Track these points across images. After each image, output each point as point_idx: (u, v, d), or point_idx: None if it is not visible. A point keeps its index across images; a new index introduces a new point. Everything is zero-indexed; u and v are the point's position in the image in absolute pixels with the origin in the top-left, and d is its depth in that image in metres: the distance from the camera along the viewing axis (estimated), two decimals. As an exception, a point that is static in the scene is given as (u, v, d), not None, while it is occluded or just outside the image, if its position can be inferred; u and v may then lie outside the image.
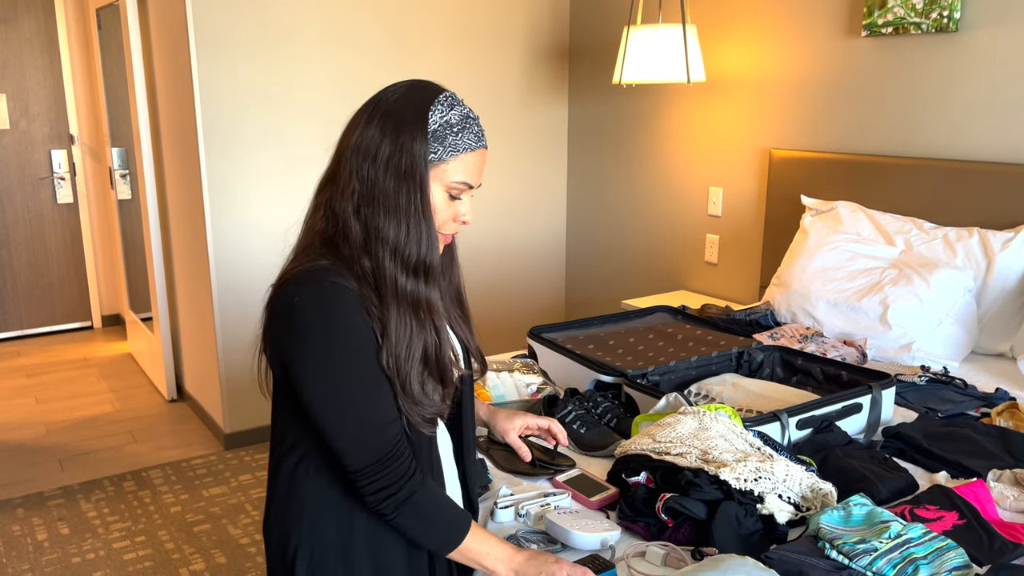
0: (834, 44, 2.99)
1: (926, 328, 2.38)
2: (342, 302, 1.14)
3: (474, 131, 1.22)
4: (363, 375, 1.15)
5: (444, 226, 1.25)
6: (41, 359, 5.06)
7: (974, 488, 1.52)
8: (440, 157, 1.19)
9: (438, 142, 1.19)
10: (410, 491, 1.18)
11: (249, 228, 3.58)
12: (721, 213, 3.54)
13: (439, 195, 1.22)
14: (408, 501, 1.18)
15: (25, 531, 3.06)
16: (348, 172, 1.19)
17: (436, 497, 1.21)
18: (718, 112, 3.48)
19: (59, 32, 5.21)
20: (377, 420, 1.16)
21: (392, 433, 1.18)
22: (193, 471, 3.52)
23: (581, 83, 4.21)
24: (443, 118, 1.20)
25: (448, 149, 1.20)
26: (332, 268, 1.16)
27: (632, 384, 1.89)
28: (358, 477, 1.17)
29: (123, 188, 4.77)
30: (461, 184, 1.22)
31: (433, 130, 1.19)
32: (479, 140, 1.23)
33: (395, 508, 1.18)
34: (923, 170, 2.71)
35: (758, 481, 1.39)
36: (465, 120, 1.22)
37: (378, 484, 1.17)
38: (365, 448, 1.16)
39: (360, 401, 1.15)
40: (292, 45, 3.52)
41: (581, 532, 1.35)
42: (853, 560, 1.25)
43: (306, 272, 1.16)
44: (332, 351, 1.13)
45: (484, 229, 4.23)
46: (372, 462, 1.16)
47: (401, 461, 1.18)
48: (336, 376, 1.14)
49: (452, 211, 1.25)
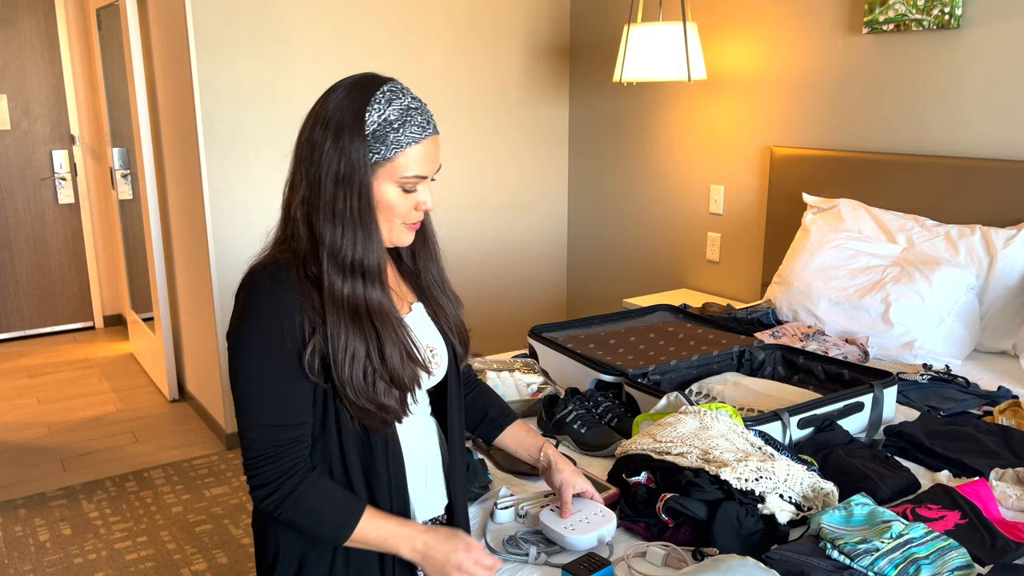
0: (835, 41, 2.98)
1: (928, 326, 2.37)
2: (275, 300, 1.16)
3: (417, 122, 1.21)
4: (270, 373, 1.17)
5: (406, 217, 1.25)
6: (43, 359, 5.06)
7: (976, 487, 1.51)
8: (384, 156, 1.19)
9: (379, 142, 1.19)
10: (289, 489, 1.19)
11: (250, 227, 3.57)
12: (722, 211, 3.53)
13: (392, 192, 1.22)
14: (289, 499, 1.19)
15: (27, 531, 3.06)
16: (297, 176, 1.22)
17: (323, 492, 1.21)
18: (719, 110, 3.47)
19: (59, 32, 5.21)
20: (270, 417, 1.17)
21: (286, 436, 1.19)
22: (195, 471, 3.52)
23: (582, 81, 4.20)
24: (381, 117, 1.19)
25: (391, 147, 1.19)
26: (282, 264, 1.20)
27: (633, 383, 1.89)
28: (245, 469, 1.20)
29: (124, 188, 4.77)
30: (413, 178, 1.22)
31: (372, 131, 1.18)
32: (424, 130, 1.21)
33: (277, 505, 1.19)
34: (925, 167, 2.70)
35: (759, 481, 1.38)
36: (406, 113, 1.20)
37: (258, 480, 1.18)
38: (253, 441, 1.18)
39: (260, 397, 1.17)
40: (292, 44, 3.52)
41: (576, 536, 1.34)
42: (855, 560, 1.24)
43: (255, 266, 1.21)
44: (248, 343, 1.17)
45: (485, 228, 4.23)
46: (256, 455, 1.18)
47: (284, 461, 1.19)
48: (251, 369, 1.17)
49: (410, 202, 1.24)
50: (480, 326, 4.31)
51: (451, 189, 4.08)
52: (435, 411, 1.41)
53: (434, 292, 1.37)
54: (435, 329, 1.36)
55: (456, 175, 4.08)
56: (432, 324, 1.36)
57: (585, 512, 1.40)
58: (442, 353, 1.35)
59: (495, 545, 1.42)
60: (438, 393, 1.40)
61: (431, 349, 1.33)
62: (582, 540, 1.34)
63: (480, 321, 4.31)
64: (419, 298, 1.37)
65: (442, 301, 1.38)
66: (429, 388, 1.38)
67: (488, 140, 4.13)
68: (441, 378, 1.36)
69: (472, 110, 4.05)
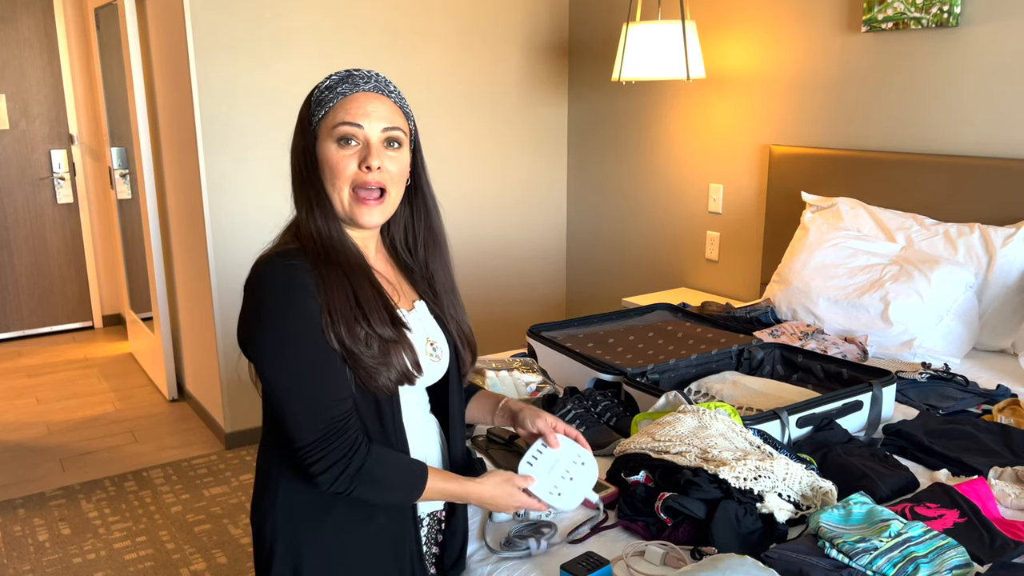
0: (834, 40, 2.98)
1: (927, 325, 2.37)
2: (292, 281, 1.17)
3: (352, 81, 1.25)
4: (310, 352, 1.17)
5: (354, 180, 1.24)
6: (42, 359, 5.06)
7: (975, 486, 1.51)
8: (321, 116, 1.24)
9: (319, 105, 1.24)
10: (360, 462, 1.19)
11: (248, 226, 3.57)
12: (721, 210, 3.53)
13: (331, 149, 1.24)
14: (360, 472, 1.19)
15: (26, 531, 3.06)
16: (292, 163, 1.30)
17: (387, 460, 1.22)
18: (718, 108, 3.47)
19: (58, 32, 5.21)
20: (322, 397, 1.17)
21: (340, 410, 1.19)
22: (194, 471, 3.52)
23: (580, 80, 4.20)
24: (325, 84, 1.25)
25: (325, 104, 1.24)
26: (294, 250, 1.21)
27: (632, 382, 1.89)
28: (305, 455, 1.18)
29: (123, 188, 4.76)
30: (344, 127, 1.22)
31: (315, 97, 1.25)
32: (358, 87, 1.24)
33: (349, 482, 1.19)
34: (924, 166, 2.70)
35: (758, 480, 1.38)
36: (346, 76, 1.25)
37: (326, 461, 1.18)
38: (311, 424, 1.17)
39: (306, 378, 1.17)
40: (290, 43, 3.52)
41: (563, 499, 1.32)
42: (853, 559, 1.24)
43: (267, 254, 1.22)
44: (280, 329, 1.16)
45: (484, 227, 4.22)
46: (317, 438, 1.17)
47: (347, 436, 1.19)
48: (284, 353, 1.16)
49: (351, 161, 1.23)
50: (479, 325, 4.31)
51: (450, 188, 4.08)
52: (435, 409, 1.41)
53: (442, 296, 1.39)
54: (437, 327, 1.37)
55: (455, 174, 4.08)
56: (435, 322, 1.37)
57: (563, 462, 1.34)
58: (443, 348, 1.36)
59: (494, 545, 1.41)
60: (439, 392, 1.40)
61: (432, 343, 1.33)
62: (571, 501, 1.33)
63: (479, 320, 4.31)
64: (422, 296, 1.38)
65: (451, 310, 1.39)
66: (430, 386, 1.39)
67: (487, 139, 4.12)
68: (442, 375, 1.36)
69: (471, 109, 4.04)
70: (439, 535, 1.40)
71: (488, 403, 1.49)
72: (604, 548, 1.40)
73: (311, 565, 1.26)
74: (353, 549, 1.27)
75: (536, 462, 1.34)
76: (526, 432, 1.40)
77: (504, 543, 1.40)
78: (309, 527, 1.26)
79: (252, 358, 1.20)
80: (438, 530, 1.40)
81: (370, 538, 1.28)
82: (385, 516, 1.28)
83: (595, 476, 1.36)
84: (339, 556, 1.26)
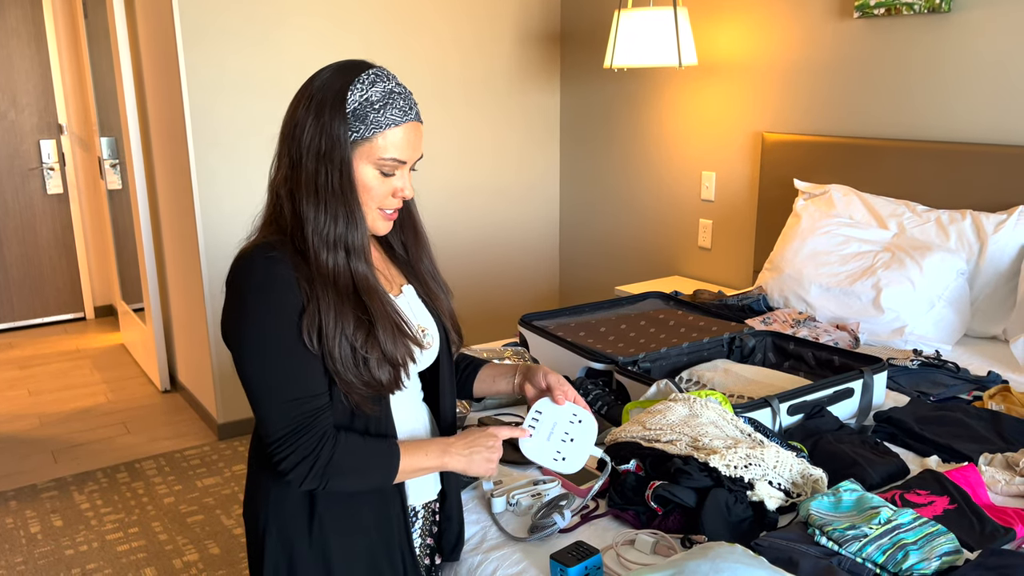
0: (826, 26, 2.97)
1: (919, 311, 2.37)
2: (272, 277, 1.16)
3: (399, 106, 1.21)
4: (287, 348, 1.16)
5: (382, 203, 1.25)
6: (33, 351, 5.04)
7: (965, 472, 1.51)
8: (363, 135, 1.20)
9: (359, 121, 1.19)
10: (328, 456, 1.18)
11: (239, 216, 3.55)
12: (714, 198, 3.52)
13: (369, 173, 1.22)
14: (330, 465, 1.19)
15: (18, 523, 3.05)
16: (281, 155, 1.24)
17: (357, 447, 1.21)
18: (710, 96, 3.46)
19: (46, 21, 5.16)
20: (289, 392, 1.17)
21: (311, 407, 1.18)
22: (186, 462, 3.51)
23: (573, 67, 4.18)
24: (363, 96, 1.20)
25: (371, 127, 1.20)
26: (274, 244, 1.20)
27: (623, 371, 1.88)
28: (275, 451, 1.18)
29: (113, 178, 4.73)
30: (391, 161, 1.22)
31: (353, 109, 1.19)
32: (406, 114, 1.22)
33: (320, 477, 1.19)
34: (916, 153, 2.70)
35: (748, 468, 1.38)
36: (388, 96, 1.21)
37: (295, 457, 1.17)
38: (279, 420, 1.17)
39: (275, 373, 1.16)
40: (280, 32, 3.49)
41: (566, 464, 1.32)
42: (843, 546, 1.24)
43: (248, 248, 1.21)
44: (256, 325, 1.16)
45: (476, 216, 4.21)
46: (285, 434, 1.17)
47: (315, 431, 1.18)
48: (257, 350, 1.16)
49: (387, 188, 1.24)
50: (471, 315, 4.31)
51: (442, 177, 4.06)
52: (427, 397, 1.41)
53: (428, 282, 1.39)
54: (426, 311, 1.37)
55: (447, 163, 4.06)
56: (423, 306, 1.37)
57: (561, 424, 1.34)
58: (433, 334, 1.36)
59: (520, 535, 1.41)
60: (430, 379, 1.40)
61: (423, 329, 1.33)
62: (574, 463, 1.32)
63: (471, 310, 4.30)
64: (409, 281, 1.38)
65: (436, 290, 1.39)
66: (421, 372, 1.38)
67: (479, 127, 4.11)
68: (433, 360, 1.36)
69: (462, 97, 4.02)
70: (433, 526, 1.40)
71: (505, 368, 1.47)
72: (594, 537, 1.40)
73: (303, 555, 1.26)
74: (345, 539, 1.27)
75: (535, 430, 1.34)
76: (534, 391, 1.40)
77: (531, 529, 1.40)
78: (301, 518, 1.26)
79: (231, 352, 1.21)
80: (432, 521, 1.40)
81: (361, 527, 1.28)
82: (371, 505, 1.28)
83: (595, 432, 1.35)
84: (331, 546, 1.26)
